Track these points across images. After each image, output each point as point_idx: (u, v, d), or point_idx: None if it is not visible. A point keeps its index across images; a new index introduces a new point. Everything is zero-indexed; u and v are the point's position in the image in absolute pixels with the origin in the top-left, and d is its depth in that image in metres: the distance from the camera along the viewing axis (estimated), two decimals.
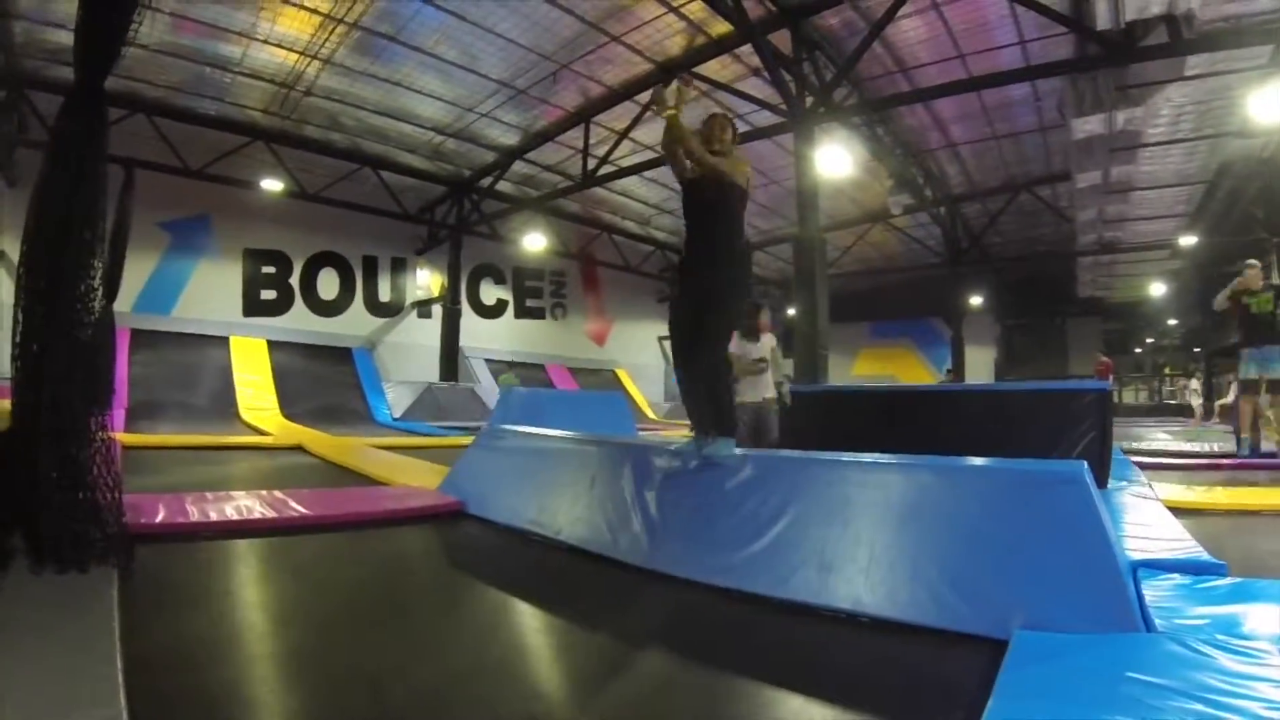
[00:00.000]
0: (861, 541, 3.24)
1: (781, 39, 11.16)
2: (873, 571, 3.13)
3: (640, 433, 9.10)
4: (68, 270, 3.52)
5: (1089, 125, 12.31)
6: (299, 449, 9.98)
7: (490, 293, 22.29)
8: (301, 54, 12.58)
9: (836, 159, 12.33)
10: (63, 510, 3.35)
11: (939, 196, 18.33)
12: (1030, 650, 2.40)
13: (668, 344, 20.19)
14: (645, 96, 13.30)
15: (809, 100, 11.21)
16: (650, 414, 21.40)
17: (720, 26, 11.45)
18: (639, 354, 25.00)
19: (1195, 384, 17.65)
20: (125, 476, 3.94)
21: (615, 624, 3.20)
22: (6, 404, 3.60)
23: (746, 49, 11.65)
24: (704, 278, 4.19)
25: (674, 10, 11.22)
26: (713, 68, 12.56)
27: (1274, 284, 9.15)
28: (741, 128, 13.61)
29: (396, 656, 2.67)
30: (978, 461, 3.36)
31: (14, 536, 3.39)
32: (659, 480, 4.20)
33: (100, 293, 3.69)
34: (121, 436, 8.37)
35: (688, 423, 4.58)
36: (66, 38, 11.44)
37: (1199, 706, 1.87)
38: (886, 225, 20.70)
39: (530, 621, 3.31)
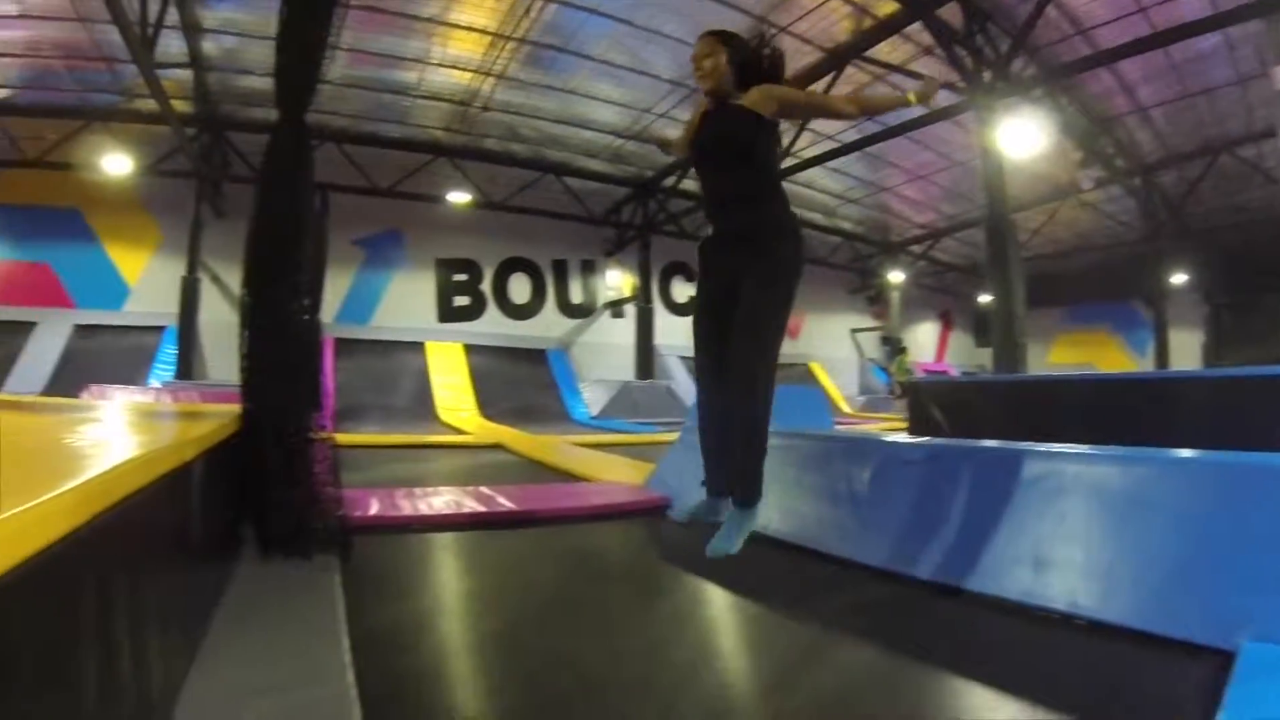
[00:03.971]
0: (1077, 538, 3.09)
1: (952, 13, 10.73)
2: (1090, 571, 3.00)
3: (837, 427, 8.97)
4: (285, 287, 3.87)
5: None
6: (499, 447, 10.28)
7: (682, 290, 22.17)
8: (476, 72, 13.20)
9: (1020, 135, 11.70)
10: (288, 504, 3.66)
11: (1131, 166, 17.18)
12: (1262, 663, 2.25)
13: (861, 336, 19.41)
14: (820, 87, 13.07)
15: (986, 75, 10.77)
16: (845, 408, 20.79)
17: (887, 6, 11.15)
18: (833, 347, 24.47)
19: None
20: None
21: (816, 617, 3.22)
22: (237, 408, 3.95)
23: (916, 27, 11.28)
24: (746, 235, 3.06)
25: None
26: (883, 50, 12.19)
27: None
28: (919, 110, 13.30)
29: (600, 645, 2.79)
30: (1203, 455, 3.08)
31: (244, 527, 3.74)
32: (864, 473, 4.13)
33: (311, 305, 4.02)
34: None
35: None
36: (257, 82, 13.31)
37: None
38: (1077, 202, 19.54)
39: (735, 615, 3.37)
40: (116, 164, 14.46)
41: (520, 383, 17.74)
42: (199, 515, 2.83)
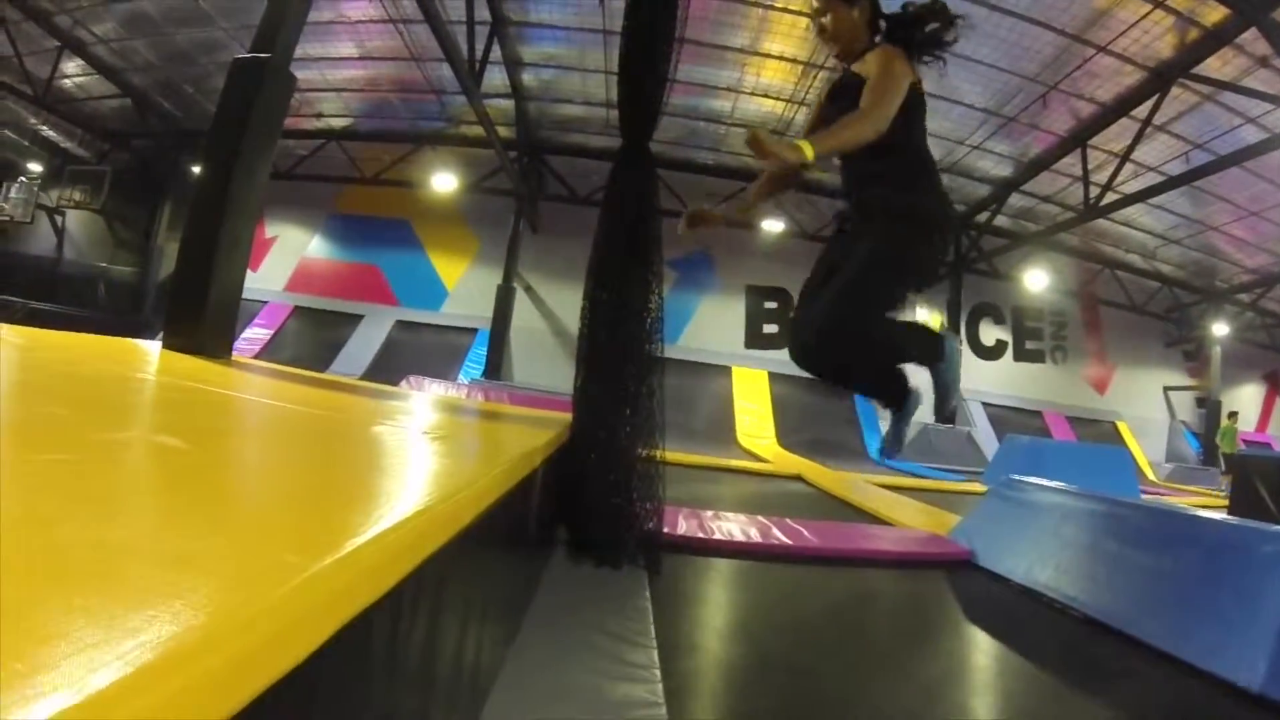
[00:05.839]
0: None
1: None
2: None
3: (1143, 496, 8.17)
4: (625, 306, 4.11)
5: None
6: (798, 478, 10.24)
7: (989, 333, 20.99)
8: (788, 101, 13.52)
9: None
10: (607, 515, 3.84)
11: None
12: None
13: (1174, 394, 17.66)
14: (1142, 111, 12.01)
15: None
16: (1150, 475, 18.58)
17: (1214, 13, 9.96)
18: (1142, 406, 22.08)
19: None
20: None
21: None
22: (566, 416, 4.20)
23: (1250, 34, 9.82)
24: (865, 215, 2.87)
25: (1158, 4, 10.06)
26: (1212, 65, 10.85)
27: None
28: (1255, 136, 11.78)
29: (897, 695, 2.72)
30: None
31: (559, 530, 3.96)
32: (1196, 556, 3.57)
33: (650, 323, 4.21)
34: None
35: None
36: (571, 110, 15.08)
37: None
38: None
39: (1026, 686, 3.08)
40: (443, 182, 17.14)
41: (820, 415, 17.58)
42: (533, 516, 3.03)
